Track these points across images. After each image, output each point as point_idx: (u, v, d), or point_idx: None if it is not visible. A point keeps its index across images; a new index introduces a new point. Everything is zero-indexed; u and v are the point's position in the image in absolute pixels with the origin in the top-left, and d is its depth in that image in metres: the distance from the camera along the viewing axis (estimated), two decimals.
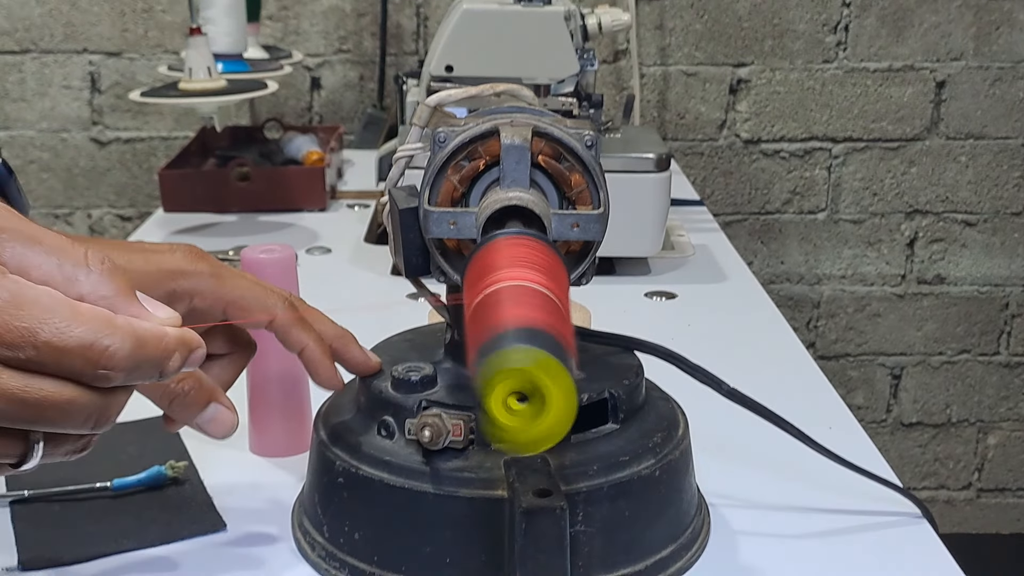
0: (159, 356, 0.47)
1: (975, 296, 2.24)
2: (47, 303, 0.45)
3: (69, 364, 0.45)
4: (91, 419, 0.47)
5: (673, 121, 2.13)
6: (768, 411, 0.75)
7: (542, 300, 0.54)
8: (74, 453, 0.50)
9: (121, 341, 0.46)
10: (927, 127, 2.15)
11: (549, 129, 0.68)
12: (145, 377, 0.48)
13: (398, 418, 0.70)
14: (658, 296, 1.26)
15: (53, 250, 0.47)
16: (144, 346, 0.47)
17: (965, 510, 2.35)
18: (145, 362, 0.47)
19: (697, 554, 0.73)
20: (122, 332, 0.46)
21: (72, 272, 0.47)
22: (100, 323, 0.45)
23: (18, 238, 0.47)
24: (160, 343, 0.47)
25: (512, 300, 0.54)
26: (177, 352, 0.48)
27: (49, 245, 0.47)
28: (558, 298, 0.56)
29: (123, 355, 0.46)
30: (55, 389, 0.45)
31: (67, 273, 0.47)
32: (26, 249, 0.47)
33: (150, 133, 2.12)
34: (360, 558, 0.70)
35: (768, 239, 2.20)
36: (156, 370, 0.48)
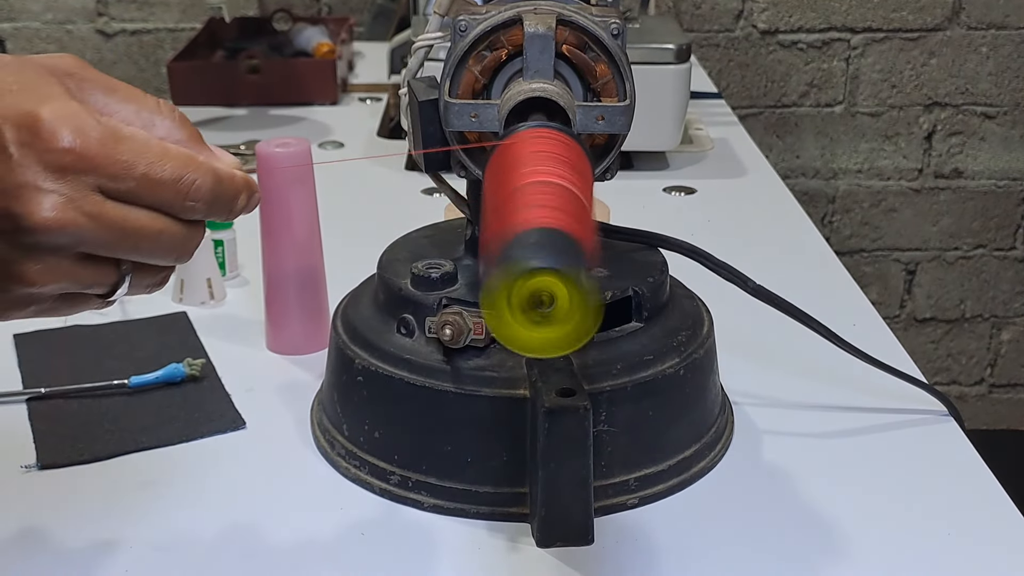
0: (232, 194, 0.52)
1: (992, 190, 2.21)
2: (142, 140, 0.48)
3: (162, 195, 0.49)
4: (175, 249, 0.51)
5: (689, 11, 2.08)
6: (795, 308, 0.74)
7: (565, 198, 0.53)
8: (154, 287, 0.53)
9: (204, 177, 0.50)
10: (948, 16, 2.09)
11: (574, 17, 0.66)
12: (219, 212, 0.51)
13: (418, 316, 0.69)
14: (677, 191, 1.24)
15: (130, 98, 0.51)
16: (222, 182, 0.51)
17: (977, 405, 2.36)
18: (222, 197, 0.51)
19: (721, 453, 0.73)
20: (204, 169, 0.50)
21: (149, 118, 0.51)
22: (186, 160, 0.49)
23: (99, 87, 0.50)
24: (233, 182, 0.52)
25: (533, 199, 0.52)
26: (244, 192, 0.52)
27: (126, 93, 0.51)
28: (582, 194, 0.55)
29: (206, 189, 0.50)
30: (149, 219, 0.49)
31: (144, 119, 0.50)
32: (107, 97, 0.50)
33: (156, 24, 2.08)
34: (380, 456, 0.70)
35: (784, 133, 2.17)
36: (229, 207, 0.52)
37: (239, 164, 0.53)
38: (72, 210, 0.46)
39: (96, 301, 0.52)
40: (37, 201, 0.46)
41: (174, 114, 0.52)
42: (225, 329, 0.91)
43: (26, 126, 0.46)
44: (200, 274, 0.95)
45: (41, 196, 0.46)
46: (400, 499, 0.69)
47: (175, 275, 0.95)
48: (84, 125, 0.47)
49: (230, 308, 0.95)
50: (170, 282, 0.95)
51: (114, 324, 0.91)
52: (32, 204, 0.46)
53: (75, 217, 0.47)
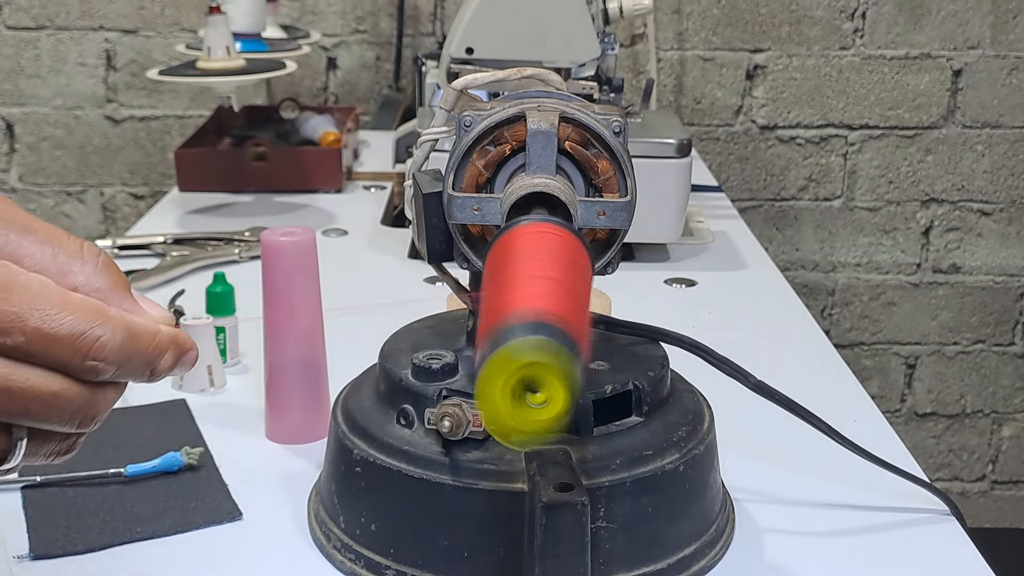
0: (151, 352, 0.46)
1: (990, 286, 2.22)
2: (38, 290, 0.43)
3: (58, 353, 0.43)
4: (77, 415, 0.45)
5: (689, 106, 2.11)
6: (796, 405, 0.74)
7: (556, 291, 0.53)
8: (58, 455, 0.47)
9: (112, 332, 0.44)
10: (944, 115, 2.12)
11: (576, 115, 0.67)
12: (135, 374, 0.46)
13: (418, 407, 0.68)
14: (678, 283, 1.24)
15: (48, 240, 0.46)
16: (136, 339, 0.45)
17: (979, 502, 2.34)
18: (136, 356, 0.45)
19: (721, 552, 0.72)
20: (114, 323, 0.44)
21: (66, 263, 0.46)
22: (92, 313, 0.44)
23: (12, 226, 0.45)
24: (153, 339, 0.46)
25: (527, 291, 0.53)
26: (170, 351, 0.47)
27: (44, 235, 0.46)
28: (576, 288, 0.55)
29: (114, 346, 0.44)
30: (42, 380, 0.43)
31: (61, 264, 0.45)
32: (20, 238, 0.45)
33: (165, 111, 2.11)
34: (376, 550, 0.69)
35: (783, 226, 2.18)
36: (147, 367, 0.46)
37: (170, 319, 0.48)
38: None
39: None
40: None
41: (98, 259, 0.46)
42: (225, 417, 0.91)
43: None
44: (201, 361, 0.95)
45: None
46: None
47: None
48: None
49: (230, 395, 0.95)
50: None
51: (112, 411, 0.91)
52: None
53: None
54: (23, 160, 2.13)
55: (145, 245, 1.30)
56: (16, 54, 2.07)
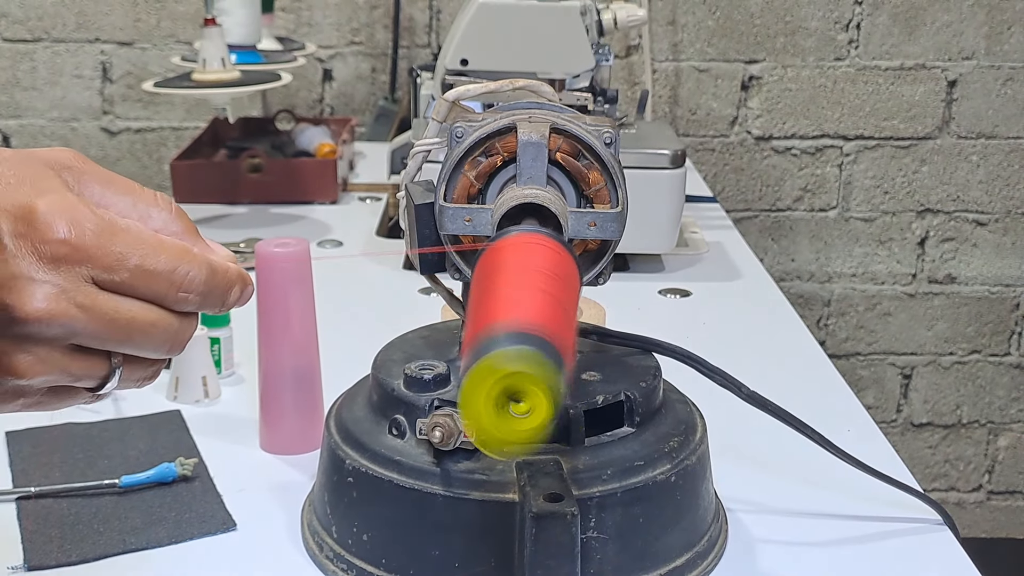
0: (225, 286, 0.51)
1: (986, 296, 2.22)
2: (136, 233, 0.48)
3: (156, 287, 0.49)
4: (168, 342, 0.50)
5: (684, 117, 2.12)
6: (789, 415, 0.74)
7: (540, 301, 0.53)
8: (145, 380, 0.53)
9: (198, 269, 0.50)
10: (938, 126, 2.13)
11: (567, 126, 0.67)
12: (213, 305, 0.51)
13: (410, 417, 0.69)
14: (672, 293, 1.25)
15: (126, 191, 0.51)
16: (215, 275, 0.51)
17: (975, 513, 2.34)
18: (216, 289, 0.51)
19: (714, 562, 0.72)
20: (199, 261, 0.50)
21: (145, 210, 0.51)
22: (181, 252, 0.50)
23: (96, 180, 0.50)
24: (227, 275, 0.51)
25: (509, 302, 0.53)
26: (237, 285, 0.52)
27: (122, 186, 0.51)
28: (563, 299, 0.55)
29: (200, 280, 0.50)
30: (142, 311, 0.49)
31: (141, 211, 0.50)
32: (104, 190, 0.50)
33: (160, 123, 2.11)
34: (368, 560, 0.69)
35: (779, 236, 2.19)
36: (222, 299, 0.52)
37: (233, 257, 0.53)
38: (64, 301, 0.46)
39: (85, 395, 0.52)
40: (30, 292, 0.46)
41: (170, 206, 0.52)
42: (219, 428, 0.91)
43: (22, 218, 0.46)
44: (195, 372, 0.95)
45: (34, 287, 0.46)
46: None
47: (170, 372, 0.95)
48: (79, 217, 0.47)
49: (225, 406, 0.95)
50: (165, 379, 0.95)
51: (107, 422, 0.91)
52: (24, 295, 0.46)
53: (67, 308, 0.46)
54: None
55: None
56: (12, 66, 2.07)
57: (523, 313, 0.50)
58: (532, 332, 0.49)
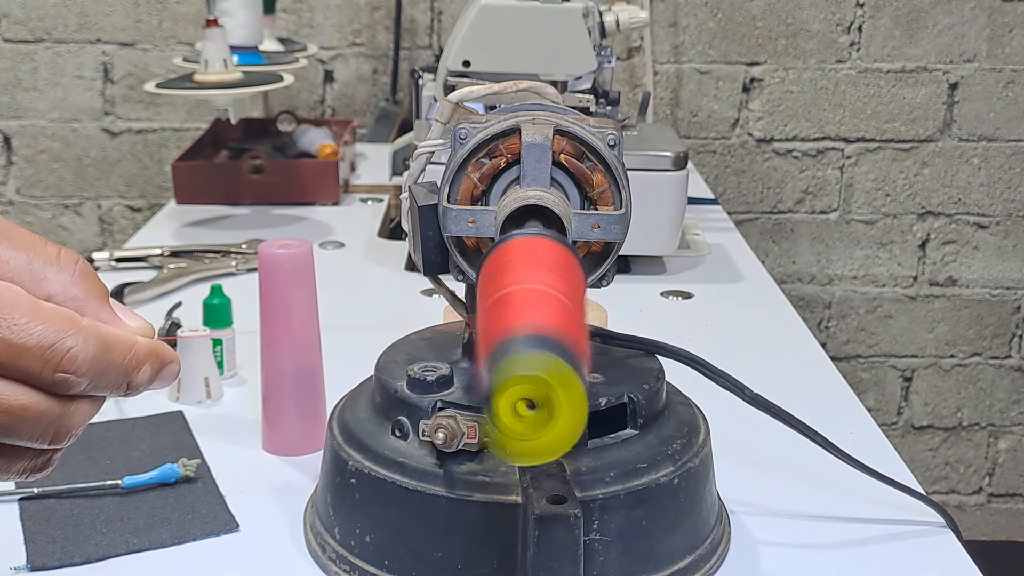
0: (127, 365, 0.44)
1: (987, 299, 2.22)
2: (8, 297, 0.41)
3: (26, 365, 0.41)
4: (49, 430, 0.43)
5: (686, 119, 2.12)
6: (792, 417, 0.74)
7: (556, 305, 0.53)
8: (32, 472, 0.45)
9: (84, 343, 0.42)
10: (940, 128, 2.13)
11: (571, 127, 0.67)
12: (111, 387, 0.44)
13: (413, 419, 0.69)
14: (674, 295, 1.25)
15: (23, 246, 0.44)
16: (111, 351, 0.43)
17: (976, 515, 2.34)
18: (111, 368, 0.43)
19: (717, 564, 0.72)
20: (87, 334, 0.42)
21: (41, 270, 0.44)
22: (63, 322, 0.42)
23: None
24: (129, 351, 0.44)
25: (525, 304, 0.53)
26: (148, 363, 0.45)
27: (19, 240, 0.44)
28: (572, 302, 0.55)
29: (86, 358, 0.42)
30: (10, 393, 0.41)
31: (36, 271, 0.43)
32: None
33: (162, 124, 2.11)
34: (370, 562, 0.69)
35: (780, 238, 2.19)
36: (123, 380, 0.44)
37: (149, 331, 0.46)
38: None
39: None
40: None
41: (74, 267, 0.44)
42: (221, 429, 0.91)
43: None
44: (198, 373, 0.95)
45: None
46: None
47: None
48: None
49: (227, 407, 0.95)
50: None
51: (109, 423, 0.91)
52: None
53: None
54: (20, 173, 2.13)
55: (142, 258, 1.30)
56: (13, 67, 2.07)
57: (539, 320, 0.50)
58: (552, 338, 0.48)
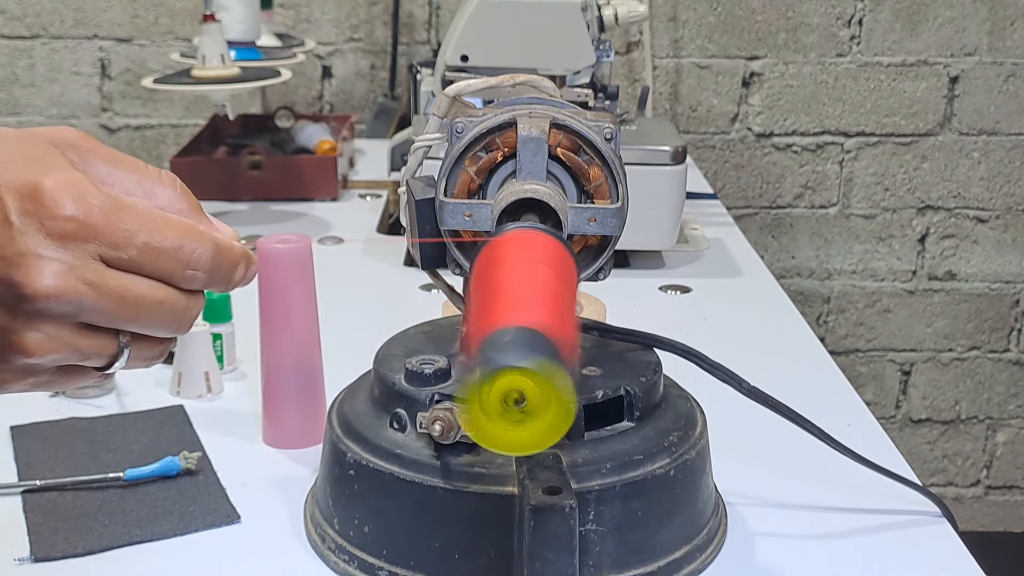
0: (231, 264, 0.52)
1: (986, 293, 2.23)
2: (143, 210, 0.49)
3: (163, 265, 0.49)
4: (176, 320, 0.50)
5: (685, 114, 2.12)
6: (789, 410, 0.75)
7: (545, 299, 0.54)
8: (153, 359, 0.53)
9: (204, 247, 0.50)
10: (940, 122, 2.13)
11: (567, 121, 0.67)
12: (219, 283, 0.51)
13: (410, 411, 0.69)
14: (673, 290, 1.25)
15: (132, 168, 0.51)
16: (221, 252, 0.51)
17: (973, 507, 2.34)
18: (222, 267, 0.51)
19: (713, 555, 0.73)
20: (205, 239, 0.50)
21: (150, 188, 0.51)
22: (187, 229, 0.50)
23: (101, 158, 0.50)
24: (232, 253, 0.52)
25: (514, 298, 0.53)
26: (242, 263, 0.52)
27: (127, 164, 0.51)
28: (563, 295, 0.56)
29: (207, 258, 0.50)
30: (150, 288, 0.49)
31: (146, 189, 0.51)
32: (109, 168, 0.50)
33: (160, 120, 2.12)
34: (369, 552, 0.70)
35: (779, 233, 2.19)
36: (228, 277, 0.52)
37: (237, 236, 0.54)
38: (73, 278, 0.46)
39: (94, 374, 0.52)
40: (38, 269, 0.46)
41: (175, 184, 0.52)
42: (222, 422, 0.91)
43: (28, 195, 0.46)
44: (198, 367, 0.95)
45: (42, 264, 0.46)
46: None
47: (173, 368, 0.96)
48: (86, 194, 0.47)
49: (227, 402, 0.96)
50: (167, 375, 0.96)
51: (111, 417, 0.92)
52: (33, 271, 0.46)
53: (76, 285, 0.46)
54: None
55: None
56: (10, 63, 2.07)
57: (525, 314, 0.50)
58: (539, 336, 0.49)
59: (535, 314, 0.51)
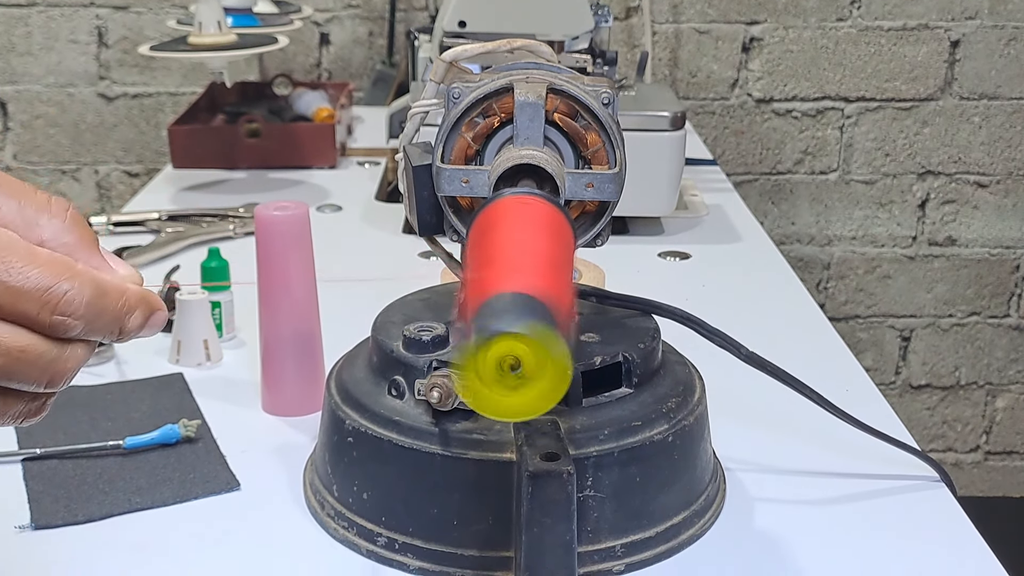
0: (119, 310, 0.45)
1: (986, 258, 2.22)
2: (5, 242, 0.42)
3: (24, 307, 0.42)
4: (46, 372, 0.44)
5: (685, 79, 2.11)
6: (787, 375, 0.75)
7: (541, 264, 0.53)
8: (27, 416, 0.45)
9: (80, 287, 0.43)
10: (941, 87, 2.12)
11: (565, 86, 0.67)
12: (104, 332, 0.45)
13: (408, 378, 0.69)
14: (672, 256, 1.25)
15: (15, 193, 0.45)
16: (104, 296, 0.44)
17: (973, 473, 2.35)
18: (104, 313, 0.44)
19: (711, 520, 0.73)
20: (82, 278, 0.43)
21: (34, 216, 0.44)
22: (59, 267, 0.43)
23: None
24: (121, 296, 0.45)
25: (510, 264, 0.53)
26: (139, 310, 0.46)
27: (10, 188, 0.45)
28: (559, 260, 0.55)
29: (82, 301, 0.43)
30: (9, 335, 0.42)
31: (28, 217, 0.44)
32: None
33: (158, 88, 2.11)
34: (368, 518, 0.70)
35: (779, 199, 2.19)
36: (116, 325, 0.45)
37: (139, 279, 0.47)
38: None
39: None
40: None
41: (65, 214, 0.45)
42: (221, 390, 0.92)
43: None
44: (197, 335, 0.95)
45: None
46: (387, 561, 0.69)
47: (172, 336, 0.96)
48: None
49: (226, 369, 0.96)
50: (167, 343, 0.96)
51: (109, 385, 0.92)
52: None
53: None
54: (17, 139, 2.13)
55: (140, 222, 1.31)
56: (7, 31, 2.06)
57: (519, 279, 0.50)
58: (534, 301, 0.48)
59: (531, 280, 0.50)
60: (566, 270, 0.55)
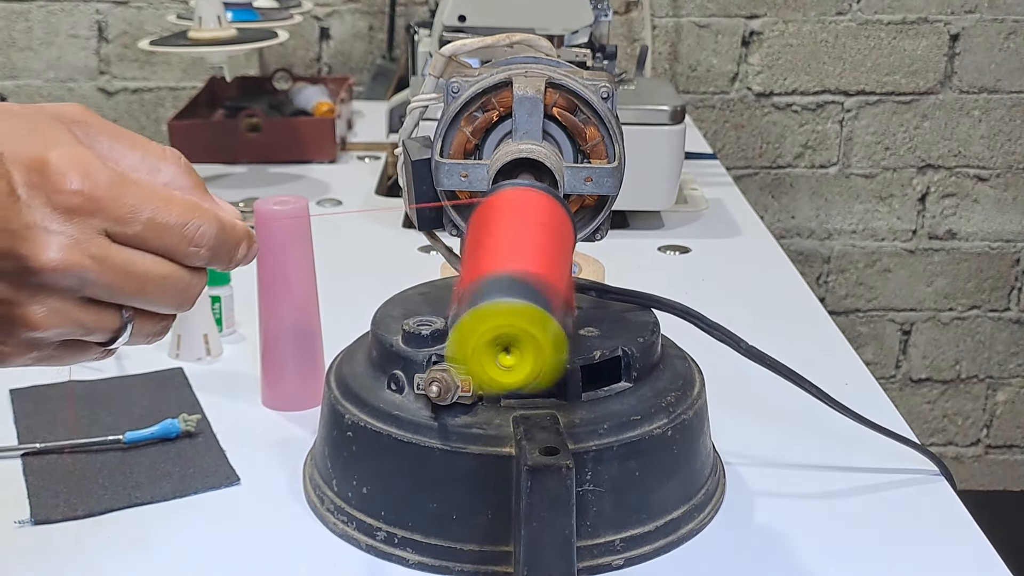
0: (234, 242, 0.52)
1: (986, 252, 2.22)
2: (148, 186, 0.49)
3: (167, 241, 0.49)
4: (179, 296, 0.51)
5: (684, 73, 2.11)
6: (786, 369, 0.75)
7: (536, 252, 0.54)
8: (155, 336, 0.53)
9: (208, 224, 0.50)
10: (940, 81, 2.12)
11: (563, 80, 0.67)
12: (221, 261, 0.52)
13: (408, 372, 0.69)
14: (671, 250, 1.25)
15: (135, 145, 0.51)
16: (225, 230, 0.51)
17: (973, 467, 2.35)
18: (224, 245, 0.51)
19: (711, 515, 0.73)
20: (209, 216, 0.50)
21: (154, 165, 0.51)
22: (191, 206, 0.50)
23: (105, 134, 0.51)
24: (235, 231, 0.52)
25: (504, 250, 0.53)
26: (244, 242, 0.53)
27: (131, 140, 0.51)
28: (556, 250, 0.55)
29: (210, 235, 0.50)
30: (154, 264, 0.49)
31: (150, 165, 0.51)
32: (113, 143, 0.50)
33: (158, 83, 2.11)
34: (367, 513, 0.70)
35: (779, 193, 2.18)
36: (230, 255, 0.52)
37: (239, 214, 0.54)
38: (78, 252, 0.47)
39: (96, 349, 0.52)
40: (44, 242, 0.46)
41: (179, 161, 0.52)
42: (221, 385, 0.92)
43: (35, 169, 0.46)
44: (197, 330, 0.95)
45: (48, 237, 0.46)
46: (386, 555, 0.69)
47: (172, 331, 0.96)
48: (92, 169, 0.47)
49: (226, 364, 0.96)
50: (167, 338, 0.96)
51: (110, 380, 0.92)
52: (39, 245, 0.46)
53: (81, 259, 0.47)
54: None
55: None
56: (7, 26, 2.06)
57: (514, 264, 0.51)
58: (523, 282, 0.49)
59: (527, 264, 0.51)
60: (564, 259, 0.55)
